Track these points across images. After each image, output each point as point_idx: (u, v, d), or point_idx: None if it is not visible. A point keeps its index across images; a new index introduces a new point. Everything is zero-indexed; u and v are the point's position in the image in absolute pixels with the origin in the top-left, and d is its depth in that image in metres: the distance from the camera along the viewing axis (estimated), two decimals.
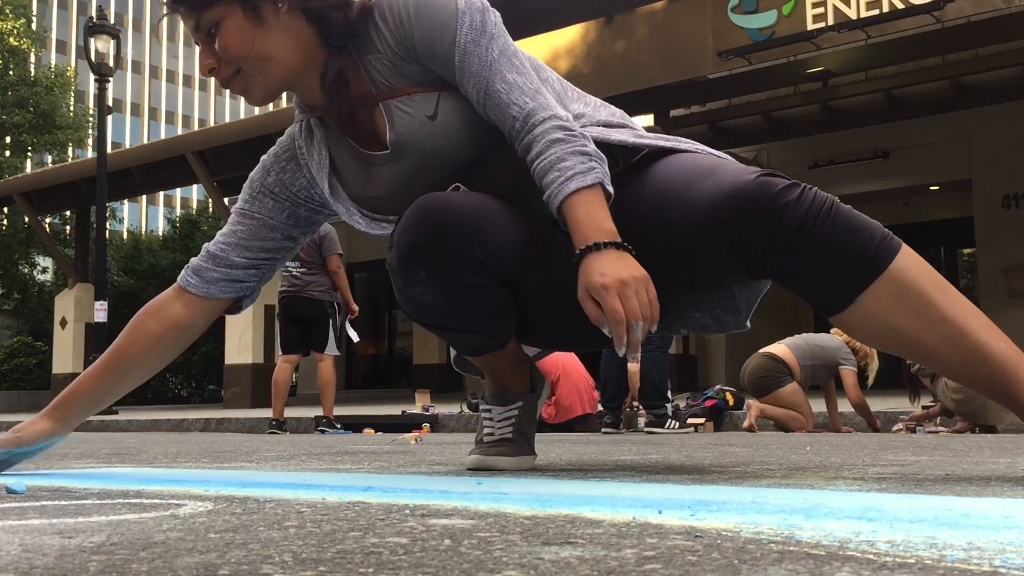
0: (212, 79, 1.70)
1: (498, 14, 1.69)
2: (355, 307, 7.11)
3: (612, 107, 1.86)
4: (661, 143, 1.70)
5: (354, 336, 7.10)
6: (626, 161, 1.71)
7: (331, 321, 6.99)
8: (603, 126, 1.74)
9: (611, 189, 1.55)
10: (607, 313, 1.46)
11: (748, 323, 1.87)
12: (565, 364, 6.79)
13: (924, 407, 6.29)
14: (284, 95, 1.83)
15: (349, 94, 1.70)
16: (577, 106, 1.77)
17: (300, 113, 1.84)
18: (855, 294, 1.49)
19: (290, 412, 7.75)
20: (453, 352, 1.99)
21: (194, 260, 1.89)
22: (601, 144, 1.65)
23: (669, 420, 6.10)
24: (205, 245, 1.91)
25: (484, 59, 1.63)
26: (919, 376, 5.88)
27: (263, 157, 1.91)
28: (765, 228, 1.47)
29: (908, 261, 1.50)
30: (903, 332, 1.51)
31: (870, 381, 6.37)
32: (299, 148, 1.84)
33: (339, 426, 7.12)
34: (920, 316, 1.49)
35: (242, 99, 1.74)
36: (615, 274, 1.47)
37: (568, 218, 1.53)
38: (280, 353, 7.12)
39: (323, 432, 6.87)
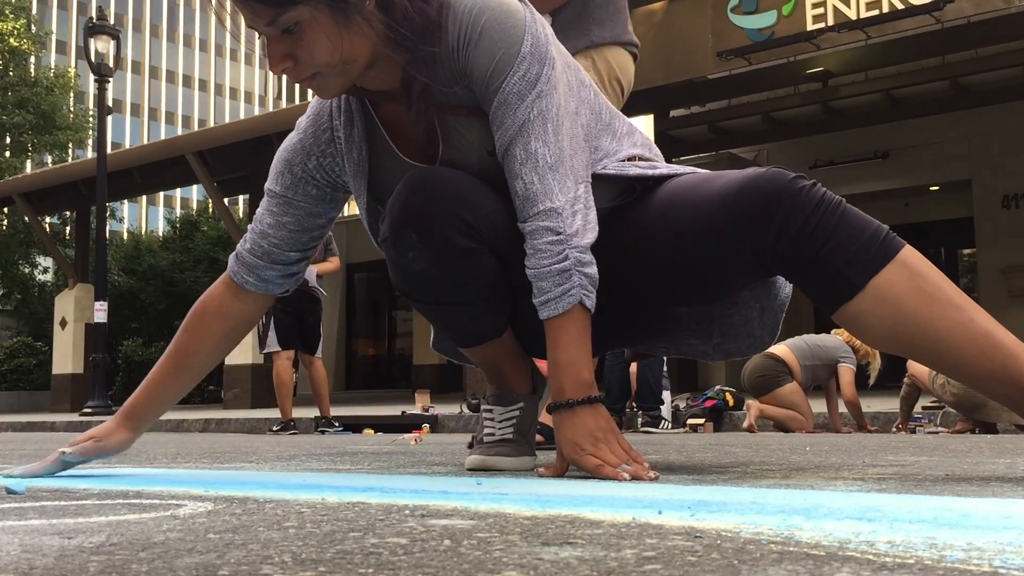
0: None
1: (559, 63, 1.62)
2: None
3: (638, 134, 1.84)
4: (674, 170, 1.73)
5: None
6: (642, 186, 1.72)
7: (321, 322, 7.00)
8: (624, 162, 1.74)
9: (589, 303, 1.57)
10: (592, 473, 1.54)
11: (768, 341, 1.88)
12: None
13: (925, 407, 6.29)
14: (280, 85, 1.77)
15: (432, 108, 1.63)
16: (606, 141, 1.74)
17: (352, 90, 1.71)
18: (867, 276, 1.50)
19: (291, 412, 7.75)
20: (434, 333, 1.99)
21: (245, 255, 1.83)
22: (617, 178, 1.69)
23: (663, 421, 6.30)
24: (250, 237, 1.84)
25: (520, 116, 1.58)
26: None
27: (297, 137, 1.81)
28: (779, 209, 1.51)
29: (915, 253, 1.55)
30: (914, 317, 1.50)
31: (871, 381, 6.37)
32: (336, 132, 1.76)
33: (338, 425, 7.13)
34: (931, 300, 1.50)
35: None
36: (590, 443, 1.56)
37: (548, 352, 1.59)
38: (275, 348, 6.86)
39: (323, 432, 6.88)
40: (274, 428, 7.04)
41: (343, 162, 1.77)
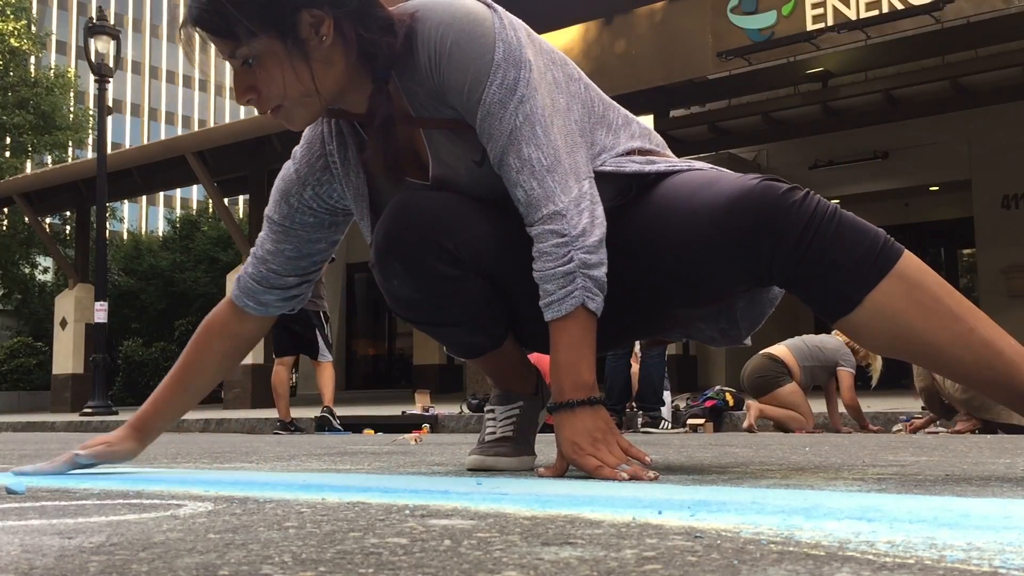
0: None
1: (536, 66, 1.60)
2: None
3: (635, 123, 1.80)
4: (671, 166, 1.70)
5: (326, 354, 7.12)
6: (639, 184, 1.70)
7: (318, 330, 7.05)
8: (623, 156, 1.72)
9: (593, 306, 1.56)
10: (591, 473, 1.55)
11: (748, 340, 1.90)
12: None
13: (924, 407, 6.28)
14: None
15: (396, 141, 1.66)
16: (602, 135, 1.71)
17: (329, 112, 1.73)
18: (864, 292, 1.49)
19: (291, 412, 7.75)
20: None
21: (245, 280, 1.87)
22: (615, 175, 1.68)
23: (663, 421, 6.32)
24: (252, 262, 1.87)
25: (506, 124, 1.57)
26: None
27: (293, 167, 1.82)
28: (771, 229, 1.48)
29: (913, 262, 1.52)
30: (913, 330, 1.50)
31: (874, 382, 6.36)
32: (332, 158, 1.78)
33: (338, 424, 7.13)
34: (929, 313, 1.49)
35: None
36: (589, 443, 1.56)
37: (551, 353, 1.60)
38: (274, 357, 7.24)
39: (323, 431, 6.88)
40: (275, 430, 7.10)
41: (342, 187, 1.79)
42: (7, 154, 26.24)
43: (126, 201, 42.71)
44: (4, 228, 25.70)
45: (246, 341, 1.93)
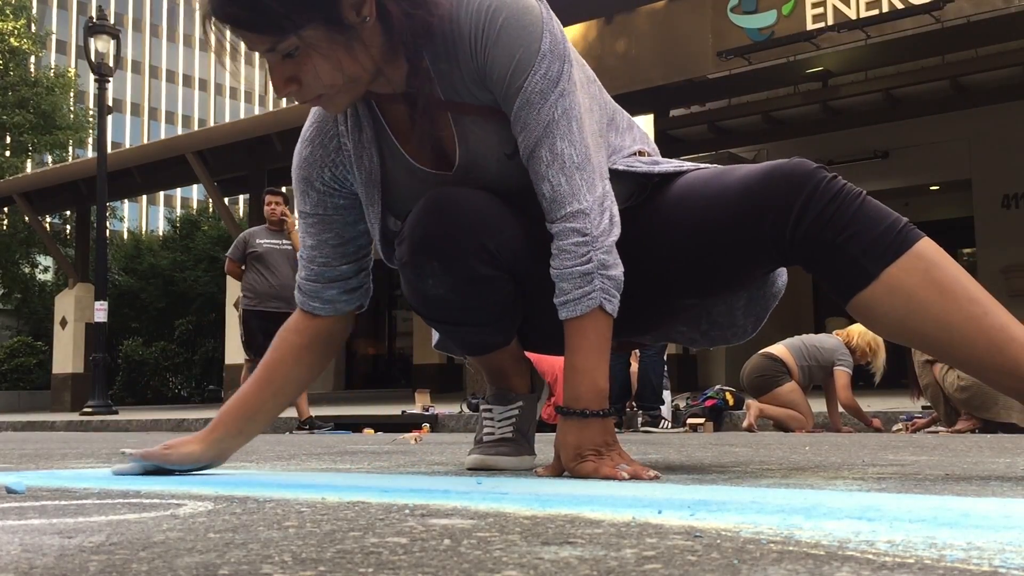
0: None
1: (575, 64, 1.60)
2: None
3: (636, 128, 1.82)
4: (679, 167, 1.72)
5: None
6: (652, 186, 1.71)
7: None
8: (630, 157, 1.73)
9: (610, 308, 1.55)
10: (591, 475, 1.53)
11: (751, 331, 1.89)
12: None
13: (924, 407, 6.28)
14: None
15: (438, 119, 1.61)
16: (613, 137, 1.72)
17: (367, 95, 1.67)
18: (882, 266, 1.51)
19: (289, 413, 7.75)
20: (436, 335, 1.98)
21: (304, 283, 1.80)
22: (627, 175, 1.68)
23: (663, 421, 6.33)
24: (302, 265, 1.81)
25: (543, 116, 1.54)
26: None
27: (307, 150, 1.74)
28: (801, 197, 1.54)
29: (932, 245, 1.55)
30: (928, 308, 1.50)
31: (877, 378, 6.35)
32: (343, 139, 1.71)
33: (321, 425, 7.11)
34: (946, 293, 1.50)
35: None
36: (593, 455, 1.54)
37: (566, 355, 1.58)
38: (249, 356, 7.17)
39: (312, 431, 6.86)
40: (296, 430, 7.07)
41: (353, 170, 1.72)
42: (7, 154, 26.23)
43: (126, 200, 42.67)
44: (4, 228, 25.70)
45: (326, 339, 1.83)
